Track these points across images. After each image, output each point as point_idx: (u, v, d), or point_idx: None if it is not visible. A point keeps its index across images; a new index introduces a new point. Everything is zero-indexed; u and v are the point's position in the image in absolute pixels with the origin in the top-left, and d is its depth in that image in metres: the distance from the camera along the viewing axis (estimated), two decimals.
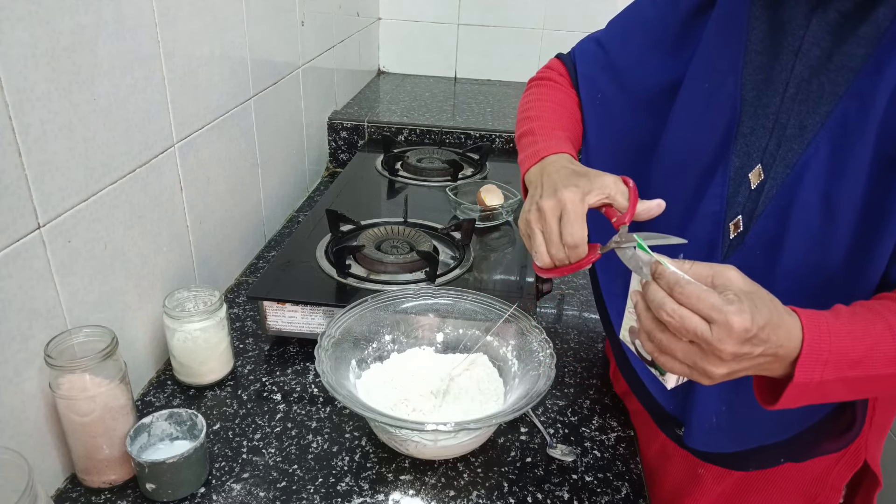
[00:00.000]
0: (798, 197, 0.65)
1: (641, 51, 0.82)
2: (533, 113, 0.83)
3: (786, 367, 0.55)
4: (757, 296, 0.54)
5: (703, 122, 0.73)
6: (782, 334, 0.54)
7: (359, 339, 0.86)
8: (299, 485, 0.75)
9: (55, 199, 0.69)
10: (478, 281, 1.05)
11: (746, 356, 0.53)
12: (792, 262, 0.66)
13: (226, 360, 0.91)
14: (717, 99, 0.72)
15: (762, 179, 0.69)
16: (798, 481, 0.78)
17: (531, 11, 2.06)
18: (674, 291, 0.54)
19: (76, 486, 0.74)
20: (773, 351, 0.54)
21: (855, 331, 0.56)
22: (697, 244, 0.74)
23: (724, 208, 0.71)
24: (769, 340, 0.53)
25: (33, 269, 0.67)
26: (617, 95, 0.84)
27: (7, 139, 0.62)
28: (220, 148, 1.05)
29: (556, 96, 0.88)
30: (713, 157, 0.72)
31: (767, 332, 0.53)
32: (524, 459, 0.81)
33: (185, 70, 0.92)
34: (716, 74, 0.72)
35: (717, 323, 0.52)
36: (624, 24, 0.86)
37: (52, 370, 0.67)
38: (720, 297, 0.52)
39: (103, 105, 0.75)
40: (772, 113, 0.68)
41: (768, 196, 0.68)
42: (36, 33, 0.64)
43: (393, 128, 1.67)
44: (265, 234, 1.29)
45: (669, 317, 0.54)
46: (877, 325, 0.56)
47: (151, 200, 0.87)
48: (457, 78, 2.19)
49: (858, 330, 0.56)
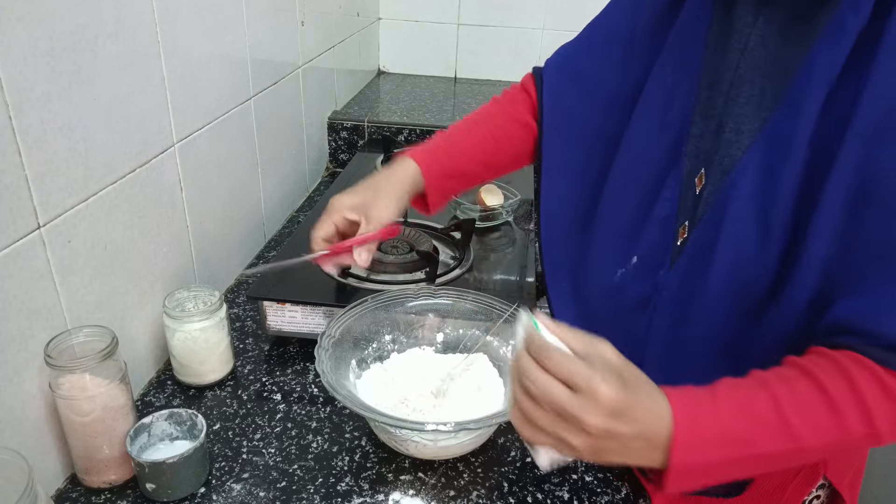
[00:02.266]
0: (730, 207, 0.61)
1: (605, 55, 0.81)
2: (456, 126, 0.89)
3: (662, 454, 0.52)
4: (628, 372, 0.52)
5: (661, 121, 0.71)
6: (653, 416, 0.51)
7: (359, 339, 0.86)
8: (299, 485, 0.75)
9: (55, 199, 0.69)
10: (478, 281, 1.05)
11: (616, 435, 0.50)
12: (722, 276, 0.62)
13: (226, 360, 0.91)
14: (674, 98, 0.69)
15: (703, 184, 0.66)
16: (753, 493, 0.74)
17: (531, 11, 2.06)
18: (541, 357, 0.51)
19: (76, 486, 0.74)
20: (646, 434, 0.51)
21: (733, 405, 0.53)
22: (651, 248, 0.72)
23: (675, 213, 0.69)
24: (639, 420, 0.50)
25: (33, 269, 0.67)
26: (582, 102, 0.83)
27: (7, 139, 0.62)
28: (220, 148, 1.05)
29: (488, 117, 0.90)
30: (667, 159, 0.70)
31: (638, 412, 0.50)
32: (524, 459, 0.81)
33: (185, 70, 0.92)
34: (676, 73, 0.69)
35: (582, 391, 0.49)
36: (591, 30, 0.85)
37: (52, 370, 0.67)
38: (586, 366, 0.50)
39: (103, 105, 0.75)
40: (717, 115, 0.65)
41: (707, 203, 0.65)
42: (36, 33, 0.64)
43: (393, 128, 1.67)
44: (265, 234, 1.29)
45: (532, 383, 0.51)
46: (759, 398, 0.53)
47: (151, 200, 0.87)
48: (457, 78, 2.19)
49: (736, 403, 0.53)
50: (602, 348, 0.53)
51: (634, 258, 0.74)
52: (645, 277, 0.73)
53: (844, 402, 0.52)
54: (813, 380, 0.54)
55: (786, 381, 0.55)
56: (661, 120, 0.71)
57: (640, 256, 0.74)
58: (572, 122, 0.83)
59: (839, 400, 0.53)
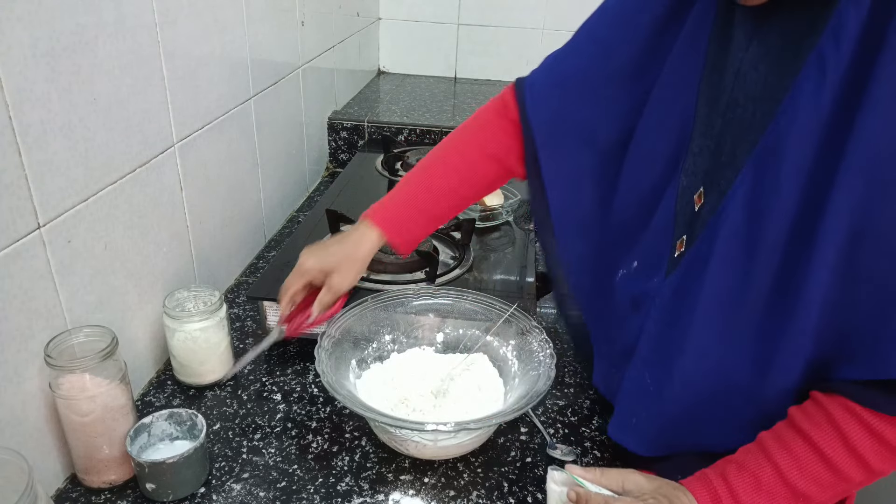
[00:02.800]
0: (722, 227, 0.62)
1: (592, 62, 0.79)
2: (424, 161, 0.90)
3: None
4: (661, 491, 0.64)
5: (665, 132, 0.72)
6: None
7: (359, 339, 0.86)
8: (299, 485, 0.75)
9: (55, 199, 0.69)
10: (478, 281, 1.05)
11: None
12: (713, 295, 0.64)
13: (226, 360, 0.91)
14: (674, 113, 0.71)
15: (702, 203, 0.67)
16: None
17: (531, 11, 2.06)
18: None
19: (76, 486, 0.74)
20: None
21: (747, 484, 0.61)
22: (649, 255, 0.74)
23: (672, 225, 0.71)
24: None
25: (33, 269, 0.67)
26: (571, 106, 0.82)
27: (7, 139, 0.62)
28: (220, 148, 1.05)
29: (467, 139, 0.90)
30: (666, 172, 0.72)
31: None
32: (524, 459, 0.81)
33: (185, 70, 0.92)
34: (677, 89, 0.70)
35: None
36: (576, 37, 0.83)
37: (52, 370, 0.67)
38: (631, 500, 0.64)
39: (103, 105, 0.75)
40: (715, 134, 0.66)
41: (703, 222, 0.66)
42: (36, 33, 0.64)
43: (393, 128, 1.67)
44: (265, 234, 1.29)
45: None
46: (765, 470, 0.61)
47: (151, 200, 0.87)
48: (457, 78, 2.19)
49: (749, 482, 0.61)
50: (634, 478, 0.66)
51: (635, 262, 0.76)
52: (642, 282, 0.75)
53: (840, 460, 0.59)
54: (810, 443, 0.60)
55: (786, 448, 0.61)
56: (662, 131, 0.72)
57: (639, 261, 0.76)
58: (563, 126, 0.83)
59: (836, 459, 0.59)
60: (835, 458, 0.59)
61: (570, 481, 0.68)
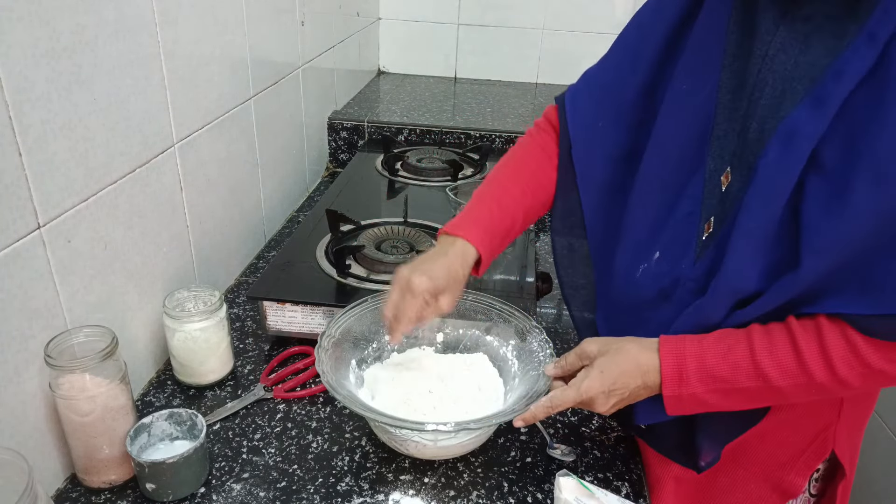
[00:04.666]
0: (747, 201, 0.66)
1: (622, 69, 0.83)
2: (490, 175, 0.90)
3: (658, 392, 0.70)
4: (608, 356, 0.72)
5: (683, 124, 0.74)
6: (639, 375, 0.70)
7: (359, 339, 0.86)
8: (299, 485, 0.75)
9: (55, 199, 0.69)
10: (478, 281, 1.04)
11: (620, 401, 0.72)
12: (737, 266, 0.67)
13: (226, 360, 0.91)
14: (695, 102, 0.73)
15: (730, 182, 0.70)
16: (766, 465, 0.79)
17: (531, 11, 2.06)
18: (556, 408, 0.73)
19: (76, 486, 0.74)
20: (638, 386, 0.70)
21: (718, 350, 0.67)
22: (673, 243, 0.75)
23: (699, 209, 0.73)
24: (628, 385, 0.70)
25: (33, 269, 0.67)
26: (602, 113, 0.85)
27: (7, 139, 0.62)
28: (220, 148, 1.05)
29: (523, 156, 0.91)
30: (691, 159, 0.74)
31: (623, 381, 0.70)
32: (524, 459, 0.81)
33: (185, 70, 0.92)
34: (695, 78, 0.73)
35: (585, 402, 0.72)
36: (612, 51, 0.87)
37: (52, 370, 0.67)
38: (575, 390, 0.72)
39: (103, 105, 0.75)
40: (741, 116, 0.69)
41: (734, 199, 0.69)
42: (36, 33, 0.64)
43: (393, 128, 1.67)
44: (265, 234, 1.29)
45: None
46: (741, 344, 0.67)
47: (151, 200, 0.87)
48: (457, 78, 2.19)
49: (721, 349, 0.67)
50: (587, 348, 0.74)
51: (657, 253, 0.78)
52: (665, 272, 0.76)
53: (809, 352, 0.64)
54: (789, 331, 0.65)
55: (767, 332, 0.67)
56: (683, 122, 0.74)
57: (661, 251, 0.77)
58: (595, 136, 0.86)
59: (805, 350, 0.64)
60: (805, 349, 0.64)
61: (577, 489, 0.70)
